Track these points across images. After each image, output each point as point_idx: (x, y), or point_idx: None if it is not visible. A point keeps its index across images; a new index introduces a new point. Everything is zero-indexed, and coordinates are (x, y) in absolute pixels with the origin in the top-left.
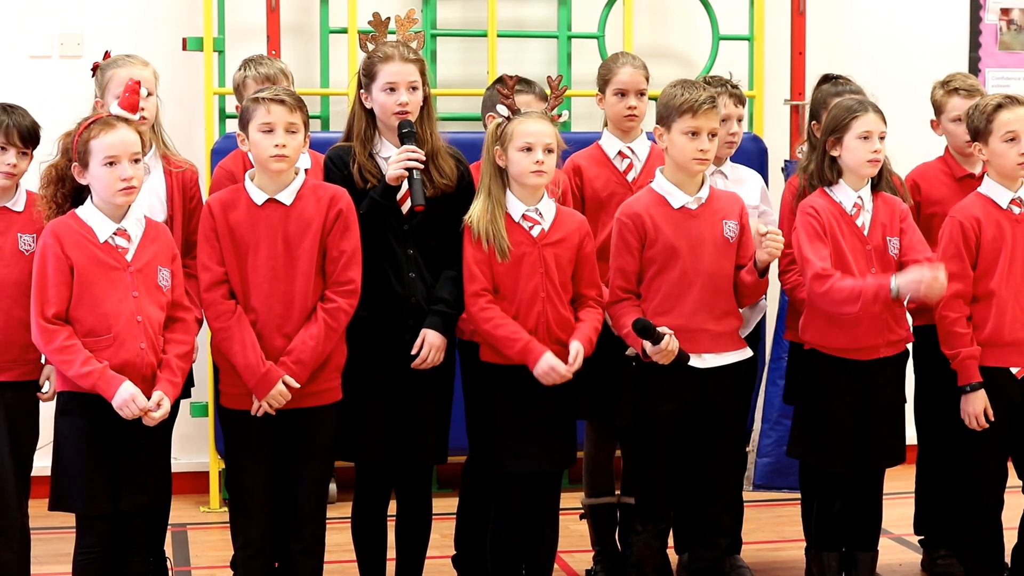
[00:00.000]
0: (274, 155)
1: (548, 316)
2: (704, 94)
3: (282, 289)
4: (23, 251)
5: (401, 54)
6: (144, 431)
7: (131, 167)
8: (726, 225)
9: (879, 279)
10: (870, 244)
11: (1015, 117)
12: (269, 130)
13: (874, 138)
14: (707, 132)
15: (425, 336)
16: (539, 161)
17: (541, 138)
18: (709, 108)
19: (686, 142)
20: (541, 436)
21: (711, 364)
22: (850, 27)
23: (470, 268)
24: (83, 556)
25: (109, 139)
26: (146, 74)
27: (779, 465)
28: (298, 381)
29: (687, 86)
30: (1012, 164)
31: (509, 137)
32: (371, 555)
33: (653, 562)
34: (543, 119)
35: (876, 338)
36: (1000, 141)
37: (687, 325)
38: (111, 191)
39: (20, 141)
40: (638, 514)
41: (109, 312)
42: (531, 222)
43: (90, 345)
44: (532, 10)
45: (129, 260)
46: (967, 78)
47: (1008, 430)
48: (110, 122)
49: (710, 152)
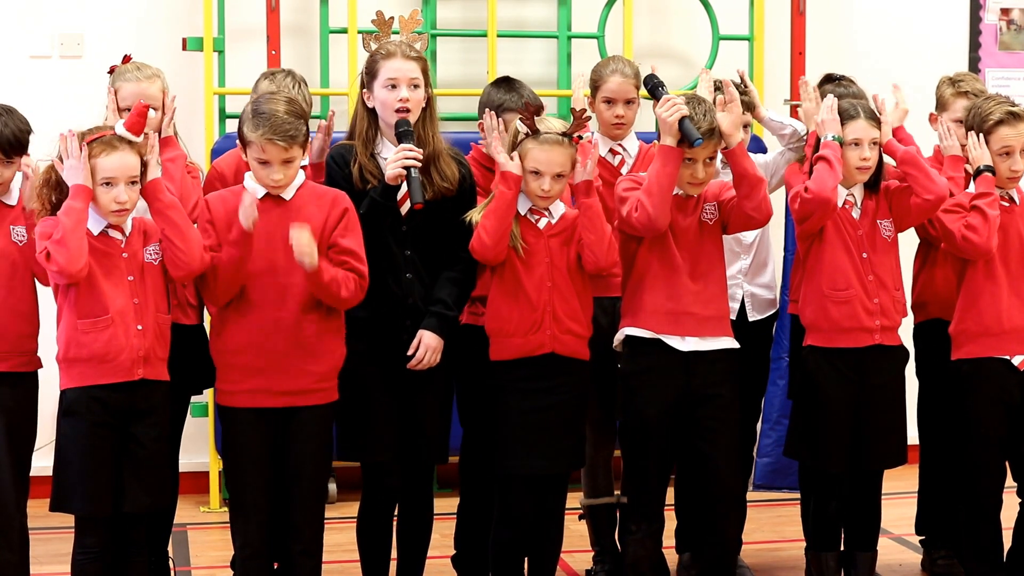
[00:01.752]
0: (271, 185)
1: (556, 307)
2: (704, 125)
3: (281, 283)
4: (16, 242)
5: (403, 51)
6: (148, 432)
7: (127, 190)
8: (705, 210)
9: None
10: (861, 229)
11: (1015, 134)
12: (265, 163)
13: (864, 145)
14: (702, 159)
15: (422, 337)
16: (546, 189)
17: (551, 168)
18: (707, 142)
19: (681, 169)
20: (548, 437)
21: (695, 348)
22: (850, 27)
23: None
24: (82, 556)
25: (109, 161)
26: (154, 91)
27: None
28: (314, 270)
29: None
30: (1002, 177)
31: (523, 154)
32: (375, 556)
33: (649, 562)
34: (558, 145)
35: (870, 319)
36: (994, 154)
37: (674, 308)
38: (104, 212)
39: (1, 152)
40: (632, 514)
41: (106, 294)
42: (537, 215)
43: (87, 327)
44: (532, 10)
45: (123, 247)
46: (976, 81)
47: (1006, 430)
48: (112, 143)
49: (705, 177)
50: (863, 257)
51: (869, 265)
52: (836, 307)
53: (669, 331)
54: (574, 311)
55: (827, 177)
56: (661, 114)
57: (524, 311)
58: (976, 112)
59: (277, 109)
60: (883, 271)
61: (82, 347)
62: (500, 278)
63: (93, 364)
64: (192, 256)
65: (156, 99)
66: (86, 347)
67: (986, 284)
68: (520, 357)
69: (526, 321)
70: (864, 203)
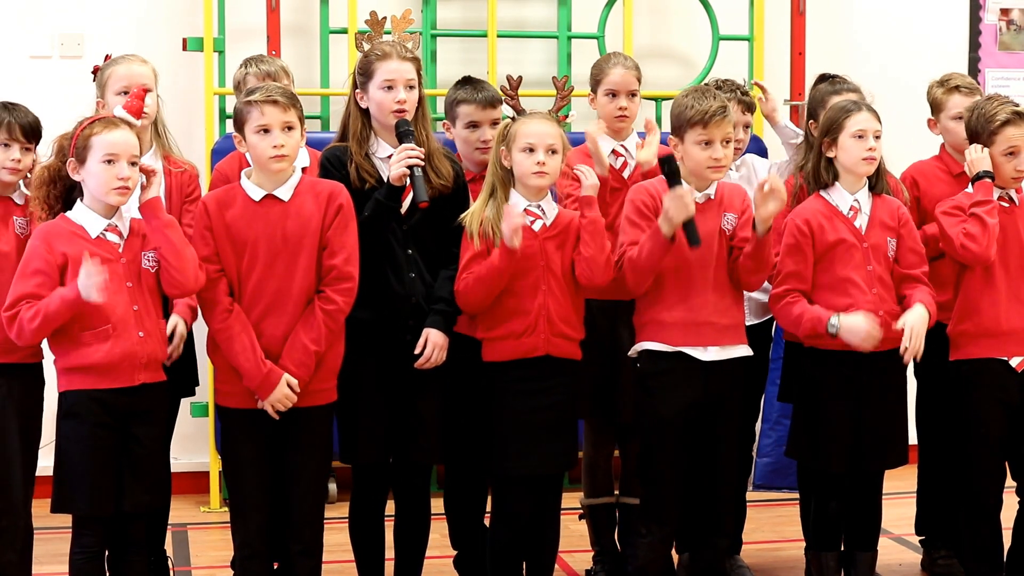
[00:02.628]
0: (273, 156)
1: (550, 309)
2: (715, 104)
3: (280, 286)
4: (18, 234)
5: (398, 52)
6: (147, 432)
7: (128, 168)
8: (725, 218)
9: (821, 313)
10: (867, 242)
11: (1020, 134)
12: (265, 131)
13: (868, 136)
14: (720, 140)
15: (428, 335)
16: (540, 163)
17: (544, 139)
18: (721, 118)
19: (699, 151)
20: (543, 438)
21: (715, 357)
22: (850, 27)
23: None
24: (80, 556)
25: (111, 137)
26: (145, 71)
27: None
28: (301, 384)
29: (697, 96)
30: (1007, 177)
31: (513, 138)
32: (369, 556)
33: (656, 568)
34: (547, 120)
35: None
36: (1000, 154)
37: (694, 319)
38: (105, 188)
39: (23, 136)
40: (643, 516)
41: (105, 303)
42: (532, 216)
43: (89, 338)
44: (532, 10)
45: (121, 252)
46: (964, 76)
47: (1006, 430)
48: (113, 121)
49: (725, 159)
50: (868, 270)
51: (874, 279)
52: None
53: (690, 343)
54: (568, 315)
55: (792, 326)
56: (670, 207)
57: (518, 314)
58: (980, 113)
59: (280, 79)
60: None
61: (83, 357)
62: None
63: (94, 373)
64: (187, 277)
65: (150, 81)
66: (87, 357)
67: (985, 286)
68: (514, 359)
69: (520, 324)
70: (872, 213)
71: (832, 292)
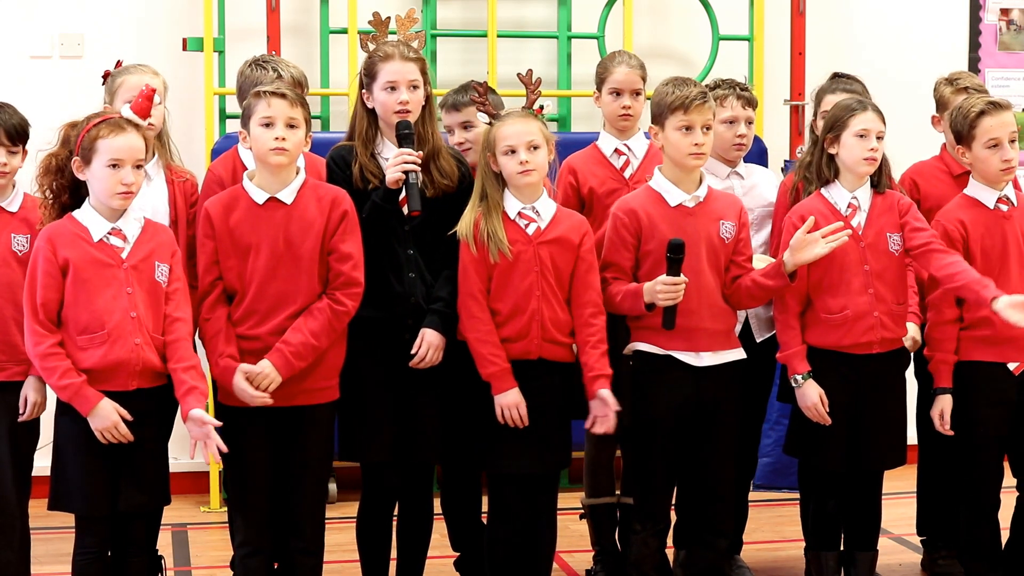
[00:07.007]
0: (273, 148)
1: (543, 315)
2: (695, 90)
3: (283, 289)
4: (16, 251)
5: (401, 53)
6: (145, 432)
7: (133, 173)
8: (723, 225)
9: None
10: (864, 242)
11: (997, 123)
12: (269, 124)
13: (871, 136)
14: (700, 126)
15: (424, 335)
16: (523, 161)
17: (522, 138)
18: (700, 103)
19: (680, 138)
20: (535, 437)
21: (708, 363)
22: (850, 27)
23: (465, 269)
24: (82, 556)
25: (117, 142)
26: (157, 83)
27: (779, 465)
28: (291, 371)
29: (677, 83)
30: (995, 170)
31: (494, 142)
32: (375, 556)
33: (652, 561)
34: (523, 118)
35: (869, 335)
36: (983, 147)
37: (685, 324)
38: (109, 193)
39: (8, 139)
40: (637, 513)
41: (102, 309)
42: (527, 220)
43: (84, 343)
44: (532, 10)
45: (124, 257)
46: (973, 77)
47: (1005, 429)
48: (120, 124)
49: (705, 146)
50: (865, 269)
51: (870, 278)
52: (833, 330)
53: (682, 348)
54: (560, 320)
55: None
56: (661, 292)
57: (512, 319)
58: (958, 111)
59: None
60: (884, 284)
61: (78, 361)
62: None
63: (89, 377)
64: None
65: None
66: (82, 361)
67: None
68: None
69: (514, 328)
70: (871, 211)
71: (827, 292)
